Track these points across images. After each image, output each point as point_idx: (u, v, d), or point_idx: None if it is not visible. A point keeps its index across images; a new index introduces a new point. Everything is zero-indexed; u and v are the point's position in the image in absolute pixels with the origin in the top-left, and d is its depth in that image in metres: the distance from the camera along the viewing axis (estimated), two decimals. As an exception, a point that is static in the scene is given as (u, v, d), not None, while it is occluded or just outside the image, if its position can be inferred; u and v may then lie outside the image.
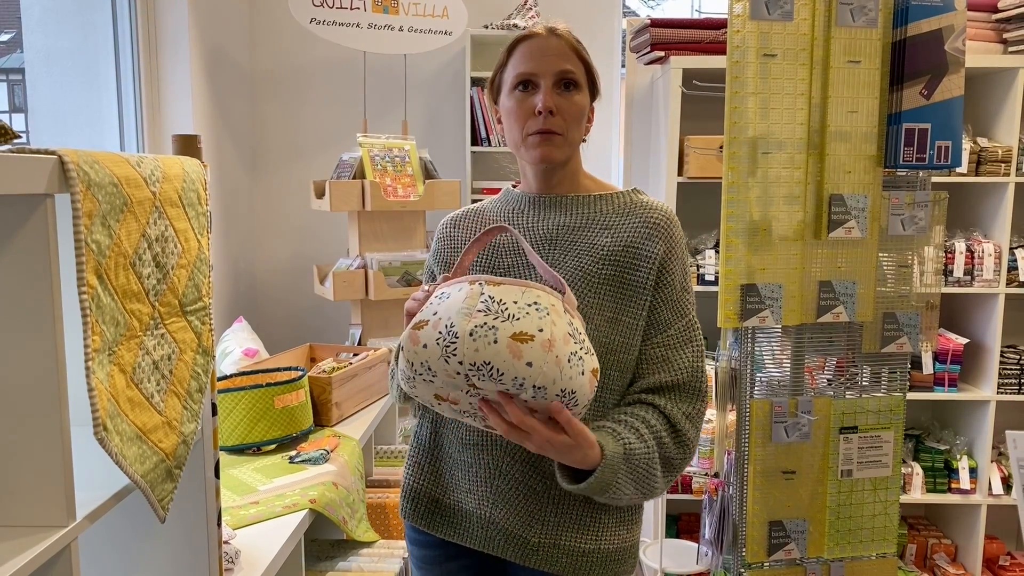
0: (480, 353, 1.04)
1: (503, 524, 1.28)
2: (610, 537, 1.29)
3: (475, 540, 1.32)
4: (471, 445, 1.31)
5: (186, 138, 1.21)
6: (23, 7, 2.59)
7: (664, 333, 1.27)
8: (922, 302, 1.85)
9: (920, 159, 1.72)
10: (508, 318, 1.05)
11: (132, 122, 2.75)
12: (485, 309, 1.07)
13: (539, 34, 1.31)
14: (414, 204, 2.96)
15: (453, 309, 1.08)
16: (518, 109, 1.29)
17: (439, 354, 1.06)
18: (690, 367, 1.28)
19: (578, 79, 1.30)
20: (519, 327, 1.05)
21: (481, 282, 1.12)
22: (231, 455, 2.02)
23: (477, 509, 1.30)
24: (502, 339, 1.04)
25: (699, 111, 2.89)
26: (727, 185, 1.72)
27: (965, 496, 3.04)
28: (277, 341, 3.35)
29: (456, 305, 1.09)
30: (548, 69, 1.27)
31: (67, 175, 0.84)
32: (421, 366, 1.09)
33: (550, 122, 1.27)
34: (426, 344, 1.08)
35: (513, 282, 1.12)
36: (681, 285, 1.30)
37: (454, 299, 1.11)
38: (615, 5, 3.51)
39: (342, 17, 2.98)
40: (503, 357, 1.04)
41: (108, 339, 0.91)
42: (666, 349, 1.27)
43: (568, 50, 1.30)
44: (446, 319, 1.08)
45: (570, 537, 1.27)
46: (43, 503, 0.87)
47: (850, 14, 1.69)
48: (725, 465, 1.93)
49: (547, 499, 1.27)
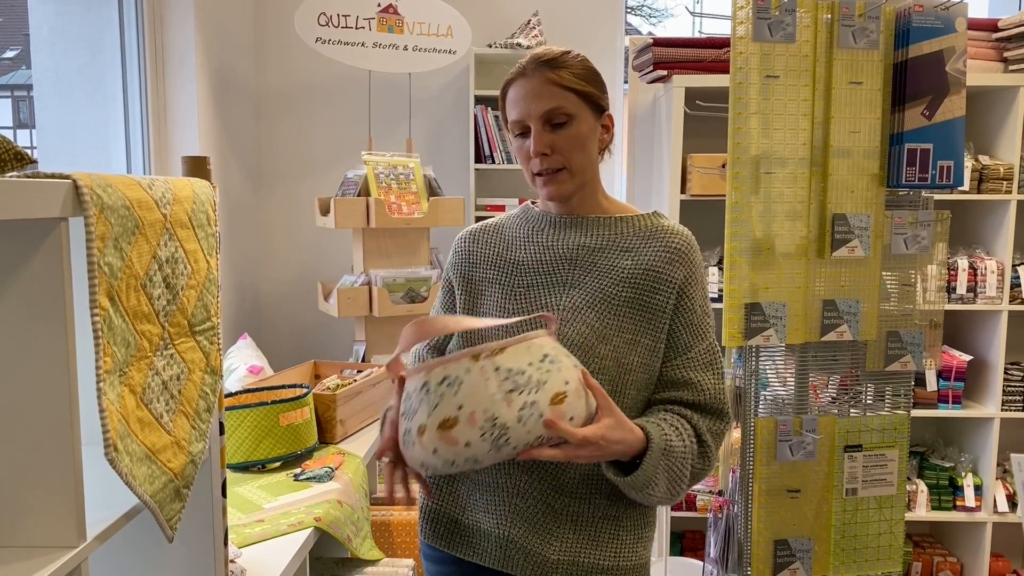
0: (532, 432, 1.06)
1: (522, 543, 1.29)
2: (628, 554, 1.30)
3: (494, 559, 1.32)
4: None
5: (196, 160, 1.23)
6: (32, 26, 2.62)
7: (685, 355, 1.29)
8: (926, 320, 1.85)
9: (922, 179, 1.73)
10: (539, 386, 1.06)
11: (139, 140, 2.77)
12: (514, 387, 1.05)
13: (524, 73, 1.30)
14: (418, 221, 2.98)
15: (483, 398, 1.05)
16: (520, 153, 1.33)
17: (488, 448, 1.06)
18: (713, 388, 1.29)
19: (568, 112, 1.28)
20: (552, 390, 1.06)
21: (487, 354, 1.08)
22: (236, 473, 2.02)
23: (496, 528, 1.31)
24: (544, 410, 1.06)
25: (701, 129, 2.91)
26: (731, 204, 1.73)
27: (970, 514, 3.03)
28: (281, 358, 3.35)
29: (484, 393, 1.06)
30: (533, 113, 1.28)
31: (81, 199, 0.85)
32: (466, 461, 1.08)
33: (547, 162, 1.29)
34: (469, 443, 1.06)
35: (512, 342, 1.10)
36: (702, 309, 1.32)
37: (475, 385, 1.06)
38: (618, 23, 3.54)
39: (347, 36, 3.01)
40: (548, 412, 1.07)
41: (119, 360, 0.92)
42: (687, 371, 1.29)
43: (551, 86, 1.27)
44: (481, 411, 1.05)
45: (589, 554, 1.28)
46: (54, 524, 0.87)
47: (852, 36, 1.70)
48: (730, 483, 1.93)
49: (566, 517, 1.28)
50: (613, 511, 1.30)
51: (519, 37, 3.27)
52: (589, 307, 1.28)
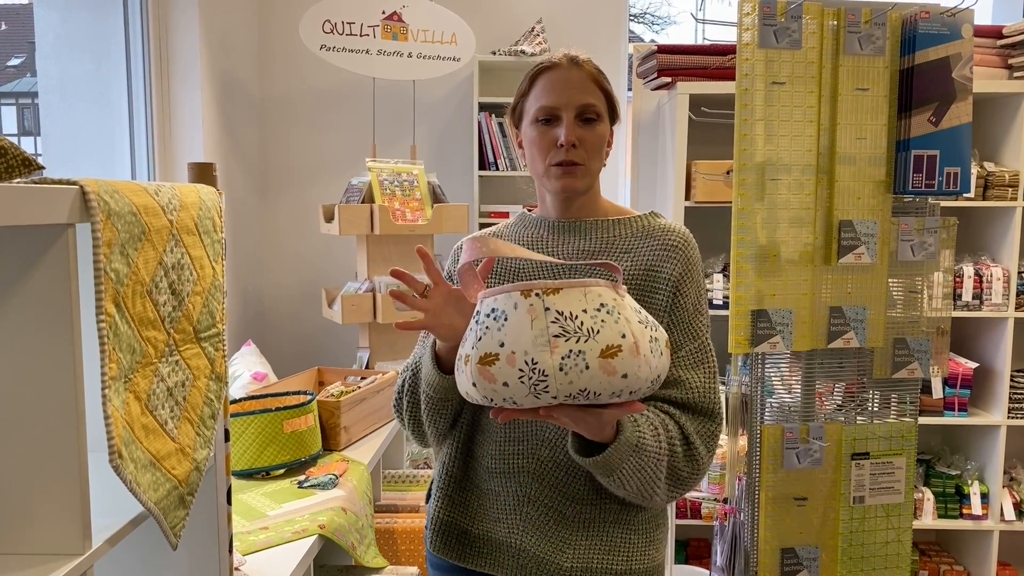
0: (575, 384, 0.97)
1: (534, 552, 1.28)
2: (640, 558, 1.30)
3: (507, 570, 1.31)
4: (498, 474, 1.31)
5: (202, 166, 1.23)
6: (37, 33, 2.63)
7: (676, 354, 1.28)
8: (932, 327, 1.84)
9: (929, 185, 1.73)
10: (589, 335, 0.97)
11: (143, 147, 2.78)
12: (561, 332, 0.98)
13: (560, 65, 1.31)
14: (422, 228, 2.98)
15: (525, 339, 0.98)
16: (541, 140, 1.31)
17: (527, 391, 0.98)
18: (702, 387, 1.28)
19: (599, 110, 1.31)
20: (604, 341, 0.97)
21: (537, 292, 1.01)
22: (240, 480, 2.01)
23: (507, 538, 1.30)
24: (592, 362, 0.97)
25: (705, 136, 2.91)
26: (737, 211, 1.72)
27: (977, 522, 3.02)
28: (286, 364, 3.35)
29: (526, 333, 0.98)
30: (570, 103, 1.28)
31: (88, 205, 0.85)
32: (504, 400, 1.01)
33: (572, 154, 1.29)
34: (507, 383, 0.99)
35: (570, 284, 1.02)
36: (694, 307, 1.30)
37: (519, 323, 0.99)
38: (621, 30, 3.55)
39: (352, 44, 3.02)
40: (598, 379, 0.97)
41: (124, 366, 0.91)
42: (676, 369, 1.27)
43: (589, 82, 1.30)
44: (521, 353, 0.98)
45: (601, 560, 1.27)
46: (60, 531, 0.87)
47: (858, 42, 1.70)
48: (736, 491, 1.92)
49: (578, 524, 1.28)
50: (624, 515, 1.29)
51: (523, 44, 3.28)
52: None
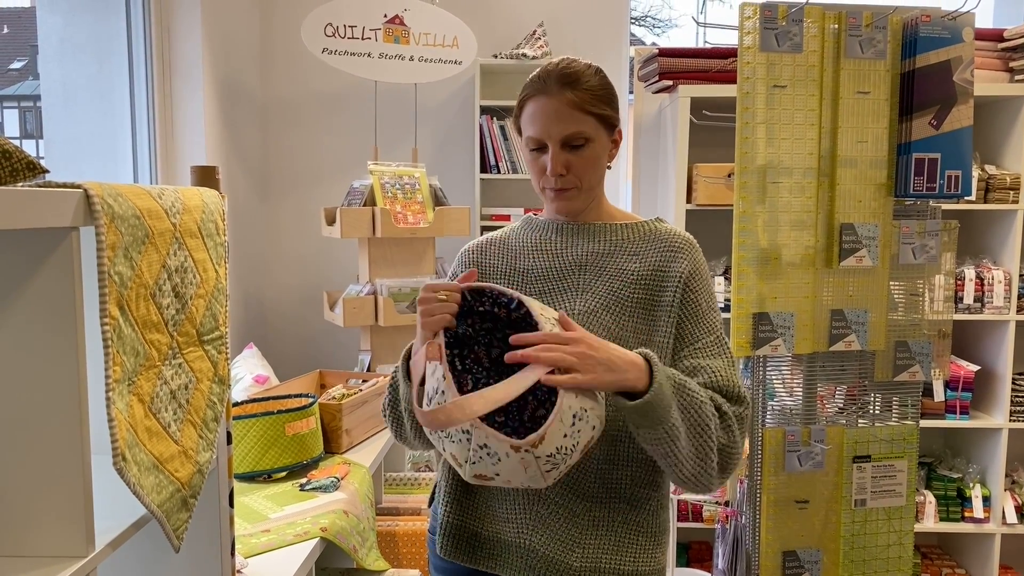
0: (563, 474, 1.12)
1: (544, 551, 1.28)
2: (647, 559, 1.30)
3: (516, 570, 1.31)
4: None
5: (204, 169, 1.23)
6: (40, 37, 2.63)
7: (693, 346, 1.28)
8: (934, 330, 1.84)
9: (930, 188, 1.73)
10: (573, 451, 1.09)
11: (146, 150, 2.78)
12: (553, 467, 1.09)
13: (547, 91, 1.28)
14: (424, 231, 2.98)
15: (520, 477, 1.09)
16: (533, 165, 1.34)
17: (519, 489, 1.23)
18: (725, 373, 1.27)
19: (588, 135, 1.28)
20: (583, 445, 1.11)
21: (524, 448, 1.05)
22: (242, 482, 2.02)
23: (516, 538, 1.30)
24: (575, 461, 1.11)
25: (707, 139, 2.91)
26: (738, 214, 1.72)
27: (979, 525, 3.01)
28: (287, 367, 3.35)
29: (521, 475, 1.09)
30: (554, 134, 1.28)
31: (92, 208, 0.85)
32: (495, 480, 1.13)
33: (562, 181, 1.30)
34: (502, 487, 1.24)
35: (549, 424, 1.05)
36: (708, 304, 1.32)
37: (513, 468, 1.07)
38: (623, 34, 3.55)
39: (354, 47, 3.02)
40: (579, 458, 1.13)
41: (128, 369, 0.92)
42: (697, 359, 1.28)
43: (573, 110, 1.26)
44: (519, 483, 1.11)
45: (610, 560, 1.28)
46: (63, 533, 0.87)
47: (859, 46, 1.70)
48: (737, 494, 1.92)
49: (587, 522, 1.28)
50: (633, 516, 1.30)
51: (524, 47, 3.28)
52: (605, 310, 1.29)
